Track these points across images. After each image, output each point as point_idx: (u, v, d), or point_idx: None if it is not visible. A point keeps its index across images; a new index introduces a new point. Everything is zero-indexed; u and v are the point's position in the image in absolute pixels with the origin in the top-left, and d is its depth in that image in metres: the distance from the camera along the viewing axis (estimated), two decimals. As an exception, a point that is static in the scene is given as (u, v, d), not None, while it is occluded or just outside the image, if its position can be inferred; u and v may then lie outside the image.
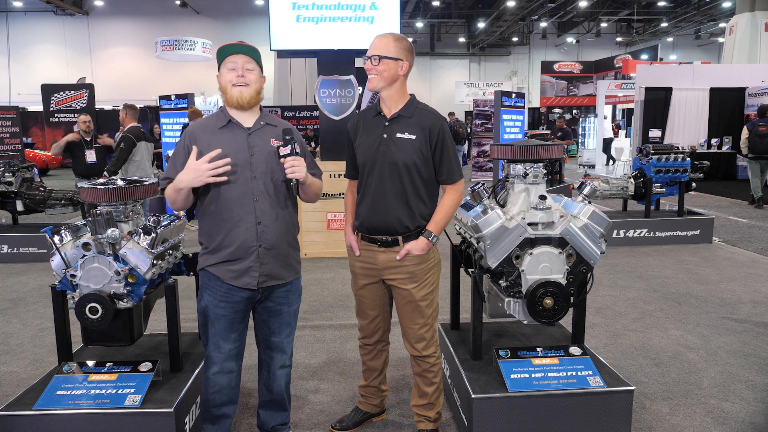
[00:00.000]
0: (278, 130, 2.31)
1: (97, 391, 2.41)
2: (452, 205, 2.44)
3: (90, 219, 2.41)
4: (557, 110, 23.31)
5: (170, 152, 8.50)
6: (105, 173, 6.19)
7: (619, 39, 31.14)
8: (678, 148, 6.93)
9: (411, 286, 2.44)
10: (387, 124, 2.41)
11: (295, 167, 2.19)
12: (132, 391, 2.41)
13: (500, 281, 2.51)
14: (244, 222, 2.22)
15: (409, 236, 2.41)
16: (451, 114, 15.25)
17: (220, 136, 2.25)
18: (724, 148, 12.95)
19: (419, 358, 2.54)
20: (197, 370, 2.69)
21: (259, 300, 2.35)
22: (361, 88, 6.93)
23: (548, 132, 14.91)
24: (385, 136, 2.40)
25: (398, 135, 2.38)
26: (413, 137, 2.36)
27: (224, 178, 2.17)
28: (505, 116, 9.54)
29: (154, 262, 2.45)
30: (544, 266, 2.44)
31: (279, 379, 2.48)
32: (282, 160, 2.20)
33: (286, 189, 2.29)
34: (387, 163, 2.37)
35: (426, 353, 2.51)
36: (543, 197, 2.52)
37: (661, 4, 24.81)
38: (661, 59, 24.43)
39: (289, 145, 2.20)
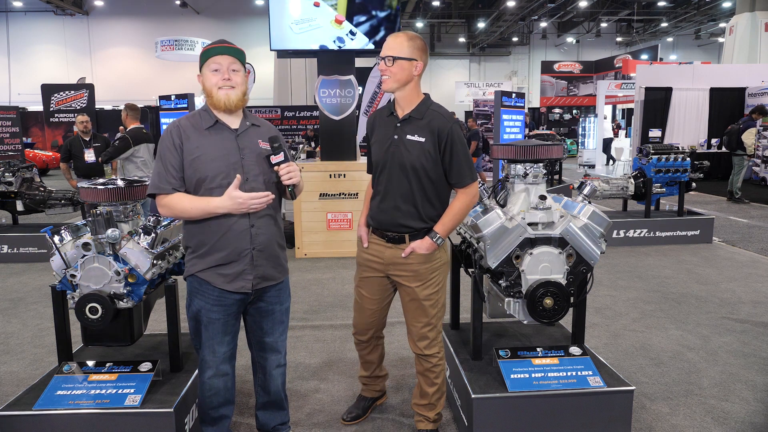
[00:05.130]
0: (263, 131, 2.30)
1: (97, 391, 2.42)
2: (462, 207, 2.41)
3: (90, 219, 2.40)
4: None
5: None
6: (98, 160, 6.35)
7: (619, 39, 31.14)
8: (678, 148, 6.94)
9: (415, 284, 2.45)
10: (398, 125, 2.41)
11: (291, 173, 2.20)
12: (132, 391, 2.41)
13: (500, 281, 2.51)
14: (238, 225, 2.19)
15: (416, 236, 2.43)
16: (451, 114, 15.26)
17: (209, 137, 2.20)
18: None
19: (421, 357, 2.55)
20: (197, 370, 2.69)
21: (251, 301, 2.34)
22: (361, 88, 6.92)
23: (550, 131, 14.98)
24: (395, 137, 2.40)
25: (408, 137, 2.37)
26: (422, 140, 2.35)
27: (259, 208, 2.17)
28: (505, 116, 9.53)
29: (154, 262, 2.45)
30: (544, 266, 2.44)
31: (275, 379, 2.48)
32: (276, 168, 2.20)
33: (284, 194, 2.30)
34: (396, 164, 2.38)
35: (428, 352, 2.52)
36: (543, 197, 2.52)
37: (661, 4, 24.82)
38: (661, 59, 24.41)
39: (281, 152, 2.20)
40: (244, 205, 2.11)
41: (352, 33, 6.39)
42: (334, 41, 6.39)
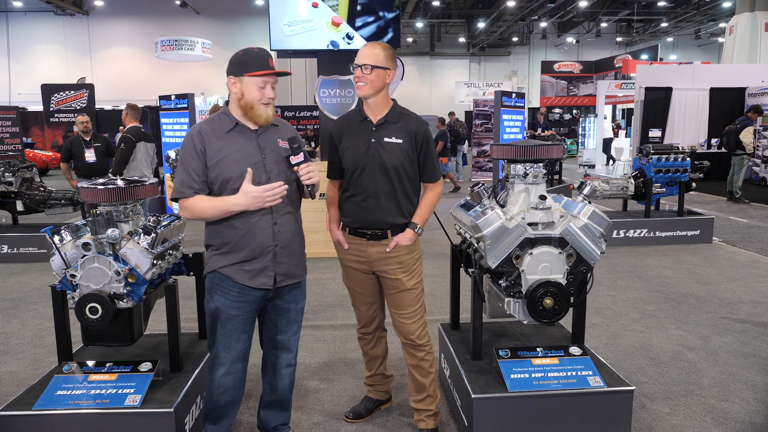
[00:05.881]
0: (282, 130, 2.35)
1: (97, 391, 2.42)
2: (435, 200, 2.63)
3: (90, 219, 2.41)
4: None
5: (170, 152, 8.42)
6: (110, 175, 6.20)
7: (619, 39, 31.12)
8: (678, 148, 6.94)
9: (402, 275, 2.55)
10: (374, 129, 2.52)
11: (311, 173, 2.26)
12: (132, 391, 2.41)
13: (500, 281, 2.51)
14: (262, 222, 2.23)
15: (397, 230, 2.55)
16: (451, 114, 15.25)
17: (230, 139, 2.24)
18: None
19: (414, 348, 2.60)
20: (197, 370, 2.69)
21: (270, 299, 2.37)
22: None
23: (550, 131, 15.00)
24: (373, 140, 2.51)
25: (386, 139, 2.50)
26: (400, 141, 2.50)
27: (278, 202, 2.18)
28: (505, 116, 9.53)
29: (154, 262, 2.45)
30: (544, 266, 2.44)
31: (284, 378, 2.50)
32: (296, 168, 2.26)
33: (302, 193, 2.37)
34: (377, 165, 2.49)
35: (420, 342, 2.59)
36: (543, 197, 2.52)
37: (661, 4, 24.81)
38: (661, 59, 24.40)
39: (301, 153, 2.26)
40: (259, 198, 2.14)
41: (349, 36, 6.36)
42: (328, 45, 6.37)
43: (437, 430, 2.71)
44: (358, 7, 6.36)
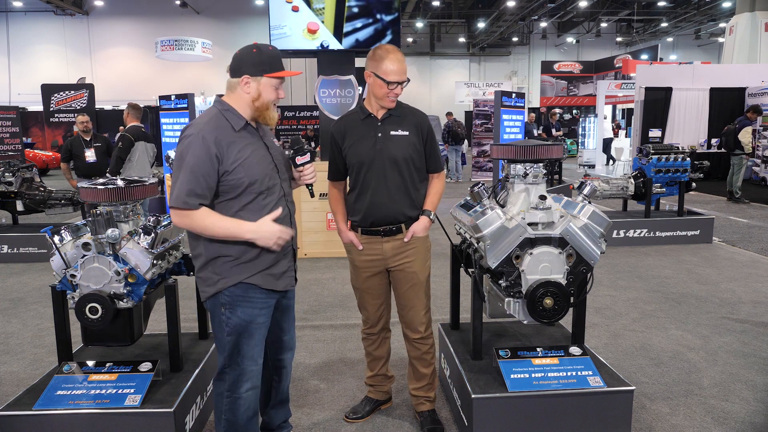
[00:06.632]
0: (268, 129, 2.34)
1: (97, 391, 2.42)
2: (441, 189, 2.71)
3: (90, 219, 2.41)
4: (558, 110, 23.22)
5: (170, 152, 8.39)
6: (107, 175, 6.19)
7: (619, 39, 31.12)
8: (678, 148, 6.94)
9: (417, 268, 2.60)
10: (380, 123, 2.55)
11: (314, 172, 2.31)
12: (132, 391, 2.41)
13: (500, 281, 2.51)
14: (284, 223, 2.19)
15: (410, 223, 2.58)
16: (448, 114, 15.24)
17: (244, 140, 2.12)
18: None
19: (420, 341, 2.66)
20: (197, 370, 2.69)
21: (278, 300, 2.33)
22: (360, 88, 6.93)
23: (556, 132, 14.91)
24: (380, 134, 2.53)
25: (392, 132, 2.53)
26: (407, 133, 2.54)
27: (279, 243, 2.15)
28: (505, 116, 9.52)
29: (154, 262, 2.45)
30: (544, 266, 2.44)
31: (287, 375, 2.51)
32: (301, 168, 2.29)
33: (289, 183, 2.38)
34: (386, 158, 2.51)
35: (427, 334, 2.67)
36: (543, 197, 2.52)
37: (661, 4, 24.80)
38: (661, 59, 24.40)
39: (308, 153, 2.29)
40: (272, 239, 2.09)
41: (323, 46, 6.24)
42: None
43: (435, 411, 2.79)
44: (355, 9, 6.29)
